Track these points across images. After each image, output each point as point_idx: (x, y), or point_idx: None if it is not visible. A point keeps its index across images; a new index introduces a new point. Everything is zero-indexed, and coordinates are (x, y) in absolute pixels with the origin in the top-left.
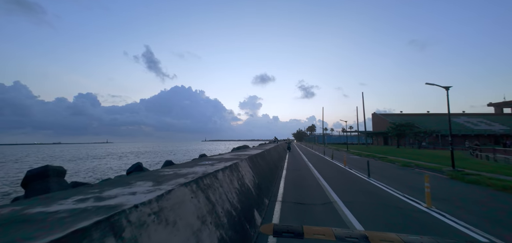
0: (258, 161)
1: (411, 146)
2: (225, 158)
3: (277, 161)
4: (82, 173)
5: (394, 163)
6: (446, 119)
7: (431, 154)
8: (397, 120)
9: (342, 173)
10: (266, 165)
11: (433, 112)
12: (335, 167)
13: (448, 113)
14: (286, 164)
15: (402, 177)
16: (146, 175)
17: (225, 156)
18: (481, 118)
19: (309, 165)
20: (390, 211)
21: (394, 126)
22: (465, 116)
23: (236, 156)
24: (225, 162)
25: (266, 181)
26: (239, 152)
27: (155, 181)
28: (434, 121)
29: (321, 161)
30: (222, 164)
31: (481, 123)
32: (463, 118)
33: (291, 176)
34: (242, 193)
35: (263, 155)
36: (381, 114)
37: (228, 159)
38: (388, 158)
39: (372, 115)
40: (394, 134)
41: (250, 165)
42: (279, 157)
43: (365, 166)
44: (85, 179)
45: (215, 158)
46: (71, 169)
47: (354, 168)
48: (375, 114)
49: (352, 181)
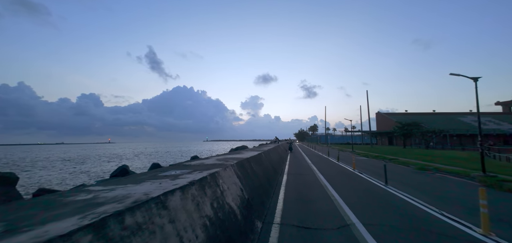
0: (252, 167)
1: (418, 146)
2: (206, 164)
3: (277, 164)
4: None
5: (408, 165)
6: (453, 118)
7: (443, 155)
8: (403, 120)
9: (353, 178)
10: (262, 171)
11: (439, 112)
12: (343, 171)
13: (477, 109)
14: (287, 167)
15: (426, 184)
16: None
17: (208, 161)
18: (489, 117)
19: (313, 168)
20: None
21: (400, 125)
22: (472, 116)
23: (222, 160)
24: (201, 170)
25: (260, 193)
26: (231, 154)
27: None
28: (441, 120)
29: (326, 163)
30: (192, 176)
31: (489, 122)
32: (470, 117)
33: (293, 182)
34: (217, 222)
35: (259, 158)
36: (385, 114)
37: (208, 166)
38: (399, 159)
39: (376, 115)
40: (400, 134)
41: (239, 173)
42: (280, 159)
43: (376, 169)
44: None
45: (193, 164)
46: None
47: (365, 172)
48: (379, 113)
49: (368, 191)
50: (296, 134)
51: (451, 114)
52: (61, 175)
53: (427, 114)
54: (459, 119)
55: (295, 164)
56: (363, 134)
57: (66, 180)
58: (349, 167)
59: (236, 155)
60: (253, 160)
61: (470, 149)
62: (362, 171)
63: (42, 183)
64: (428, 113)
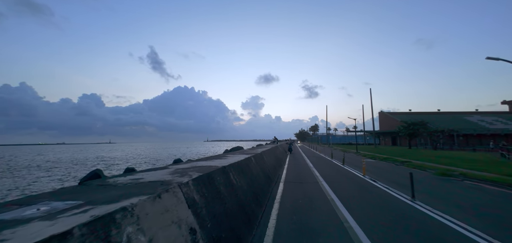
0: (229, 180)
1: (424, 146)
2: (141, 182)
3: (272, 169)
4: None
5: (424, 169)
6: (459, 118)
7: (456, 156)
8: (408, 119)
9: (367, 189)
10: (248, 183)
11: (444, 111)
12: (352, 178)
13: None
14: (284, 172)
15: (463, 197)
16: None
17: (153, 174)
18: (495, 116)
19: (315, 173)
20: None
21: (406, 125)
22: (479, 115)
23: (181, 171)
24: (105, 203)
25: (237, 222)
26: (207, 162)
27: None
28: (446, 120)
29: (330, 167)
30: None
31: (496, 122)
32: (477, 116)
33: (290, 196)
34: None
35: (246, 164)
36: (389, 113)
37: (139, 186)
38: (412, 162)
39: (379, 114)
40: (406, 134)
41: (195, 197)
42: (277, 162)
43: (391, 175)
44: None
45: (110, 183)
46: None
47: (379, 180)
48: (382, 113)
49: (393, 211)
50: (296, 134)
51: (457, 113)
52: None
53: (432, 113)
54: (465, 119)
55: (294, 168)
56: (366, 133)
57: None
58: (357, 172)
59: (211, 162)
60: (234, 168)
61: (481, 149)
62: (375, 178)
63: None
64: (432, 113)
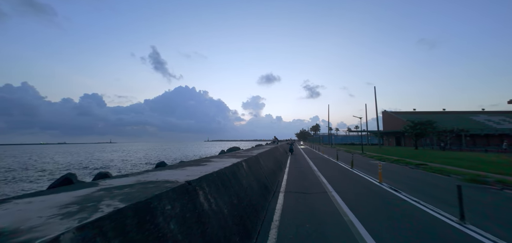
0: (196, 204)
1: (430, 146)
2: None
3: (270, 175)
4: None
5: (447, 174)
6: (465, 118)
7: (472, 158)
8: (415, 119)
9: (394, 204)
10: (229, 205)
11: (449, 111)
12: (368, 186)
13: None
14: (285, 178)
15: None
16: None
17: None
18: (502, 116)
19: (321, 179)
20: None
21: (412, 124)
22: (485, 115)
23: (83, 198)
24: None
25: None
26: (181, 170)
27: None
28: (452, 119)
29: (337, 171)
30: None
31: (503, 121)
32: (483, 116)
33: (293, 215)
34: None
35: (232, 173)
36: (392, 113)
37: None
38: (428, 165)
39: (383, 114)
40: (412, 134)
41: None
42: (276, 165)
43: (413, 182)
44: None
45: None
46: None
47: (402, 189)
48: (386, 112)
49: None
50: (297, 134)
51: (463, 113)
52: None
53: (437, 113)
54: (471, 119)
55: (297, 173)
56: (369, 133)
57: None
58: (371, 177)
59: (177, 172)
60: (209, 182)
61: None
62: (395, 186)
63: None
64: (437, 112)
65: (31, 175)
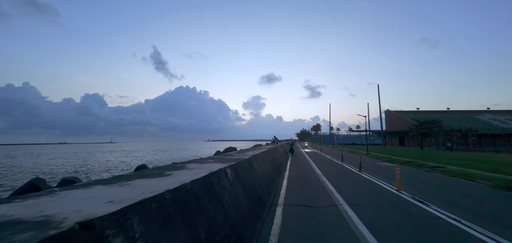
0: None
1: (436, 146)
2: None
3: (266, 181)
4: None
5: (472, 179)
6: (470, 117)
7: (485, 159)
8: (419, 118)
9: (430, 225)
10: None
11: (454, 110)
12: (386, 196)
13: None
14: (284, 184)
15: None
16: None
17: None
18: (508, 115)
19: (328, 187)
20: None
21: (417, 124)
22: (490, 114)
23: None
24: None
25: None
26: (119, 186)
27: None
28: (457, 119)
29: (345, 176)
30: None
31: (510, 121)
32: (488, 115)
33: None
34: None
35: (207, 186)
36: (395, 112)
37: None
38: (446, 167)
39: (385, 113)
40: (417, 133)
41: None
42: (275, 169)
43: (435, 189)
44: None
45: None
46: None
47: (429, 200)
48: (389, 111)
49: None
50: (298, 133)
51: (467, 112)
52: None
53: (441, 112)
54: (476, 118)
55: (298, 178)
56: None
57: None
58: (386, 183)
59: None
60: (145, 211)
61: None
62: (419, 196)
63: None
64: (442, 111)
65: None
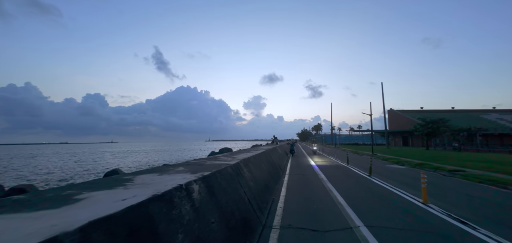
0: None
1: (442, 147)
2: None
3: (261, 192)
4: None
5: (505, 185)
6: (476, 116)
7: (504, 160)
8: (425, 117)
9: None
10: None
11: (459, 109)
12: (414, 213)
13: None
14: (283, 192)
15: None
16: None
17: None
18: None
19: (338, 200)
20: None
21: (423, 123)
22: (496, 113)
23: None
24: None
25: None
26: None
27: None
28: (462, 118)
29: (355, 182)
30: None
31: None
32: (495, 115)
33: None
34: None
35: (168, 202)
36: (399, 111)
37: None
38: (466, 171)
39: (388, 112)
40: (423, 133)
41: None
42: (271, 174)
43: (470, 201)
44: None
45: None
46: None
47: (474, 220)
48: (392, 111)
49: None
50: (298, 133)
51: (473, 111)
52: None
53: (446, 111)
54: (482, 117)
55: (300, 185)
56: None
57: None
58: (406, 193)
59: None
60: None
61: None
62: (456, 212)
63: None
64: (446, 111)
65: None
